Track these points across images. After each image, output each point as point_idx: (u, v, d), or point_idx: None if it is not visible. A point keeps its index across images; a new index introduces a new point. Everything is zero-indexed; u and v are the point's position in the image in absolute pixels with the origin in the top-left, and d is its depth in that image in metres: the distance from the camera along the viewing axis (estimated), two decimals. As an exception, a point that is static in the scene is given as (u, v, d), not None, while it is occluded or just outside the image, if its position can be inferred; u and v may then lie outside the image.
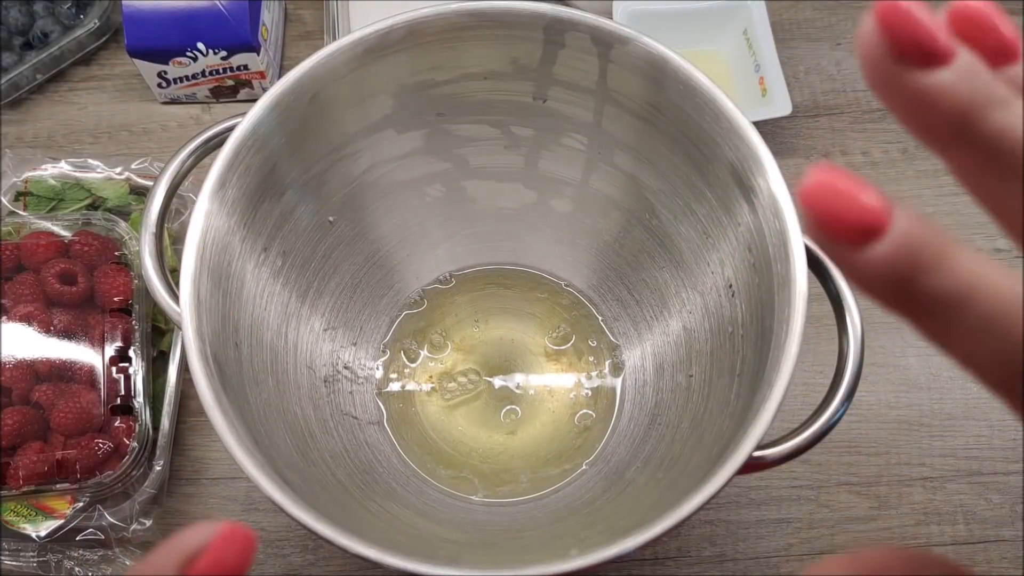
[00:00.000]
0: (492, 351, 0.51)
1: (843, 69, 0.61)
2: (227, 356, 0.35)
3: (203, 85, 0.59)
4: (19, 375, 0.46)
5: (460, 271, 0.52)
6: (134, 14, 0.55)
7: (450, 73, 0.41)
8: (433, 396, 0.50)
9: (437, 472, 0.47)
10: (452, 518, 0.45)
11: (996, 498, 0.50)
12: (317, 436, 0.42)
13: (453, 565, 0.29)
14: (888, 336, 0.54)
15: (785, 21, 0.63)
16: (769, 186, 0.35)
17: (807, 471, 0.50)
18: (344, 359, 0.48)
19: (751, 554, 0.49)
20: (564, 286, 0.52)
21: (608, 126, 0.42)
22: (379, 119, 0.42)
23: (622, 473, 0.44)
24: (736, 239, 0.38)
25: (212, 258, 0.35)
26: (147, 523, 0.48)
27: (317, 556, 0.49)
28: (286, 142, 0.38)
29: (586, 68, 0.40)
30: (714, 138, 0.37)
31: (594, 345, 0.51)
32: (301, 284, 0.44)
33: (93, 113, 0.61)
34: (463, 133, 0.45)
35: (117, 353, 0.48)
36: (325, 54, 0.37)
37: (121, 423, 0.47)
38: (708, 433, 0.38)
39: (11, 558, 0.47)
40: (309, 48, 0.63)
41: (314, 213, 0.43)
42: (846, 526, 0.49)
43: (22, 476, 0.45)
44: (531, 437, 0.49)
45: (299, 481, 0.34)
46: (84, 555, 0.48)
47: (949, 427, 0.51)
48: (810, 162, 0.58)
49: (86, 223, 0.51)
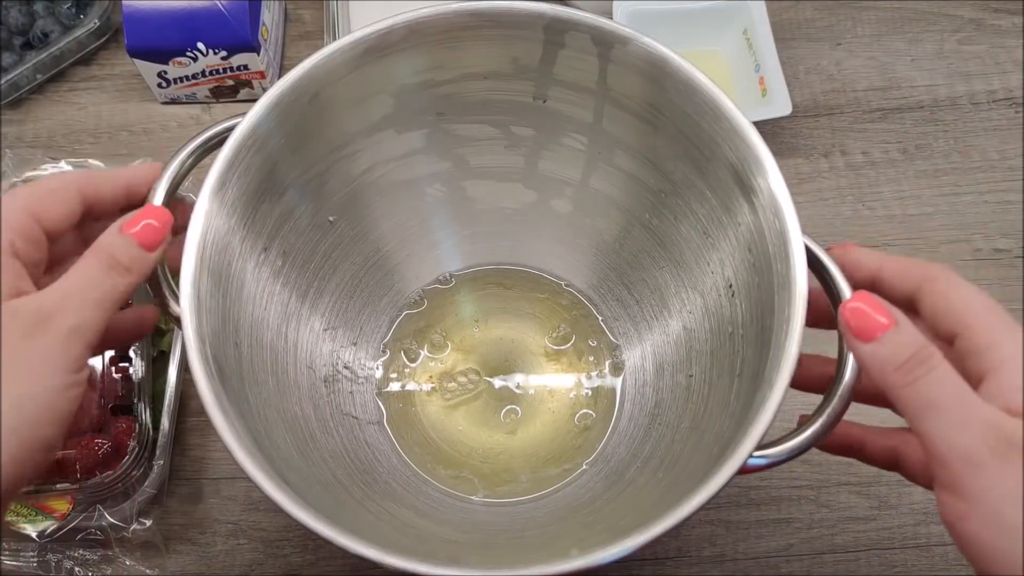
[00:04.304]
0: (492, 351, 0.51)
1: (843, 69, 0.61)
2: (227, 356, 0.35)
3: (203, 85, 0.59)
4: (19, 375, 0.46)
5: (460, 271, 0.52)
6: (134, 14, 0.55)
7: (450, 73, 0.41)
8: (433, 396, 0.50)
9: (437, 472, 0.47)
10: (452, 518, 0.45)
11: (996, 498, 0.50)
12: (317, 436, 0.42)
13: (453, 565, 0.29)
14: (888, 336, 0.53)
15: (785, 21, 0.63)
16: (769, 186, 0.35)
17: (807, 471, 0.50)
18: (344, 359, 0.48)
19: (751, 554, 0.49)
20: (564, 286, 0.52)
21: (608, 126, 0.42)
22: (379, 119, 0.42)
23: (622, 473, 0.44)
24: (736, 239, 0.38)
25: (212, 258, 0.35)
26: (147, 523, 0.48)
27: (317, 556, 0.49)
28: (286, 142, 0.38)
29: (586, 68, 0.40)
30: (714, 138, 0.37)
31: (594, 345, 0.51)
32: (301, 284, 0.44)
33: (93, 113, 0.61)
34: (463, 133, 0.45)
35: (117, 353, 0.48)
36: (325, 54, 0.37)
37: (121, 423, 0.47)
38: (708, 433, 0.38)
39: (11, 558, 0.47)
40: (309, 48, 0.63)
41: (314, 213, 0.43)
42: (846, 526, 0.49)
43: (22, 476, 0.45)
44: (531, 437, 0.49)
45: (299, 481, 0.34)
46: (84, 555, 0.48)
47: (949, 427, 0.51)
48: (810, 162, 0.58)
49: (86, 223, 0.51)
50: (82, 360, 0.29)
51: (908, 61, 0.62)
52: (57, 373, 0.28)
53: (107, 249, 0.31)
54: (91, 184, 0.33)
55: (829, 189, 0.58)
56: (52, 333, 0.28)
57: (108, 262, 0.31)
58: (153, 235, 0.32)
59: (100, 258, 0.31)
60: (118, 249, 0.31)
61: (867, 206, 0.57)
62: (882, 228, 0.56)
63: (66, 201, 0.32)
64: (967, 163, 0.58)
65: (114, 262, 0.31)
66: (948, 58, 0.62)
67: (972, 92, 0.60)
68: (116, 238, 0.31)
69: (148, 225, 0.32)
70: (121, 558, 0.48)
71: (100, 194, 0.34)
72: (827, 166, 0.58)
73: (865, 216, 0.57)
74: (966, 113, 0.60)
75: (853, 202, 0.57)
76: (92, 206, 0.33)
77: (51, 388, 0.28)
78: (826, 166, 0.58)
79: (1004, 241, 0.56)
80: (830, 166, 0.58)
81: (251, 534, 0.50)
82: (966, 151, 0.59)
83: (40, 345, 0.28)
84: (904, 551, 0.49)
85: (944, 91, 0.61)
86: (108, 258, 0.31)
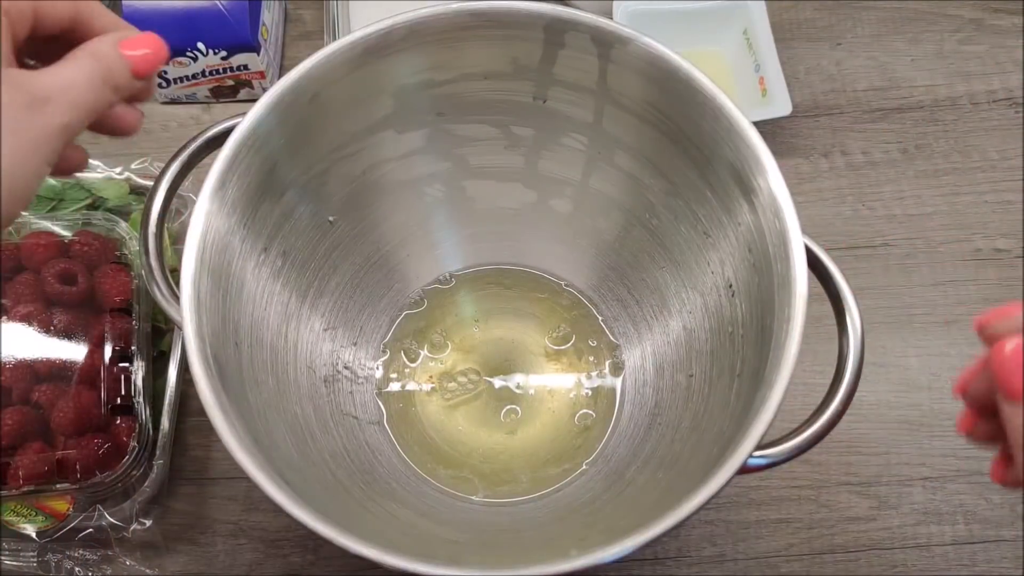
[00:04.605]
0: (492, 351, 0.51)
1: (843, 69, 0.61)
2: (227, 356, 0.35)
3: (203, 85, 0.59)
4: (19, 375, 0.46)
5: (460, 271, 0.52)
6: (134, 14, 0.55)
7: (450, 73, 0.41)
8: (433, 396, 0.50)
9: (437, 472, 0.47)
10: (452, 518, 0.45)
11: (996, 498, 0.50)
12: (317, 436, 0.42)
13: (453, 565, 0.29)
14: (888, 336, 0.54)
15: (785, 21, 0.63)
16: (769, 186, 0.35)
17: (807, 471, 0.50)
18: (344, 359, 0.48)
19: (751, 554, 0.49)
20: (564, 286, 0.52)
21: (608, 126, 0.42)
22: (379, 119, 0.42)
23: (622, 473, 0.44)
24: (736, 239, 0.38)
25: (212, 258, 0.35)
26: (147, 523, 0.48)
27: (317, 556, 0.49)
28: (286, 142, 0.38)
29: (586, 68, 0.40)
30: (714, 138, 0.37)
31: (594, 345, 0.51)
32: (301, 284, 0.44)
33: (93, 113, 0.61)
34: (463, 133, 0.45)
35: (117, 353, 0.48)
36: (325, 54, 0.37)
37: (121, 423, 0.47)
38: (708, 433, 0.38)
39: (11, 558, 0.47)
40: (309, 48, 0.63)
41: (314, 213, 0.43)
42: (846, 526, 0.49)
43: (22, 476, 0.45)
44: (531, 437, 0.49)
45: (299, 481, 0.34)
46: (84, 555, 0.48)
47: (949, 427, 0.51)
48: (810, 162, 0.58)
49: (86, 223, 0.51)
50: (55, 157, 0.28)
51: (908, 61, 0.62)
52: (42, 156, 0.27)
53: (105, 62, 0.29)
54: (88, 9, 0.31)
55: (829, 189, 0.58)
56: (48, 117, 0.27)
57: (105, 75, 0.29)
58: (146, 66, 0.30)
59: (99, 67, 0.29)
60: (115, 66, 0.29)
61: (867, 206, 0.57)
62: (882, 228, 0.56)
63: (61, 5, 0.30)
64: (967, 163, 0.58)
65: (110, 76, 0.29)
66: (948, 58, 0.62)
67: (972, 92, 0.60)
68: (115, 54, 0.30)
69: (146, 55, 0.30)
70: (121, 558, 0.48)
71: (91, 24, 0.31)
72: (827, 166, 0.58)
73: (865, 216, 0.57)
74: (966, 113, 0.60)
75: (853, 202, 0.57)
76: (77, 30, 0.31)
77: (32, 169, 0.27)
78: (826, 166, 0.58)
79: (1004, 241, 0.56)
80: (830, 166, 0.58)
81: (251, 534, 0.50)
82: (966, 151, 0.59)
83: (36, 124, 0.27)
84: (904, 551, 0.49)
85: (944, 91, 0.61)
86: (106, 71, 0.29)
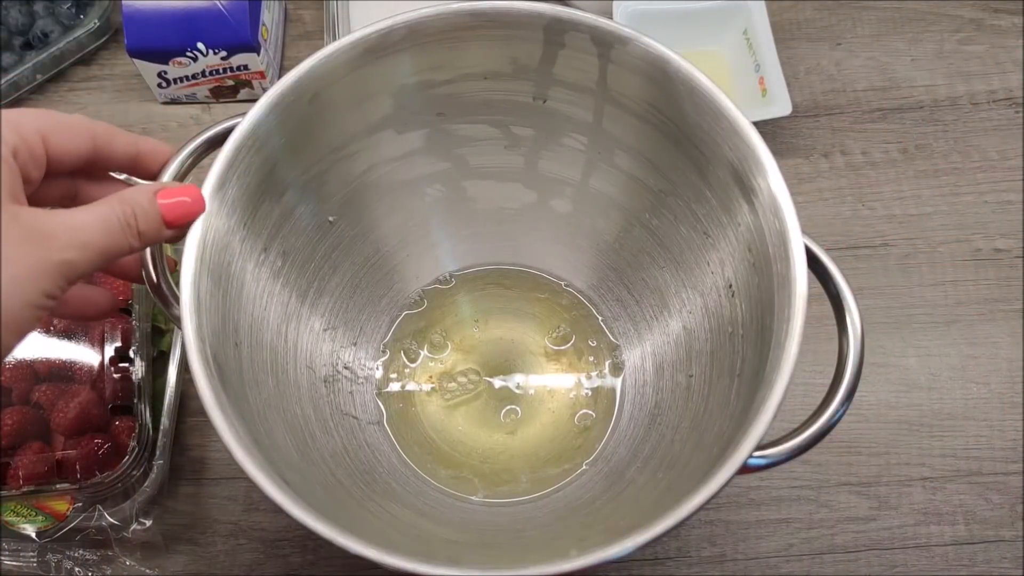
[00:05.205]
0: (492, 351, 0.51)
1: (843, 69, 0.61)
2: (227, 356, 0.35)
3: (203, 85, 0.59)
4: (19, 375, 0.46)
5: (460, 271, 0.52)
6: (134, 14, 0.55)
7: (450, 73, 0.41)
8: (433, 396, 0.50)
9: (437, 472, 0.47)
10: (452, 518, 0.45)
11: (996, 498, 0.50)
12: (317, 436, 0.42)
13: (453, 565, 0.29)
14: (888, 336, 0.54)
15: (785, 21, 0.63)
16: (769, 186, 0.35)
17: (807, 471, 0.50)
18: (344, 359, 0.48)
19: (751, 554, 0.49)
20: (564, 286, 0.52)
21: (608, 126, 0.42)
22: (379, 119, 0.42)
23: (622, 473, 0.44)
24: (736, 239, 0.38)
25: (212, 258, 0.35)
26: (147, 523, 0.48)
27: (317, 556, 0.49)
28: (286, 142, 0.38)
29: (586, 68, 0.39)
30: (714, 138, 0.37)
31: (594, 345, 0.51)
32: (301, 284, 0.44)
33: (93, 113, 0.61)
34: (463, 133, 0.45)
35: (117, 353, 0.48)
36: (325, 54, 0.37)
37: (121, 423, 0.47)
38: (708, 433, 0.38)
39: (11, 558, 0.47)
40: (309, 48, 0.63)
41: (314, 213, 0.43)
42: (846, 526, 0.49)
43: (22, 476, 0.45)
44: (531, 437, 0.49)
45: (299, 481, 0.34)
46: (84, 555, 0.48)
47: (949, 427, 0.51)
48: (810, 162, 0.58)
49: (86, 223, 0.51)
50: (58, 292, 0.28)
51: (908, 61, 0.62)
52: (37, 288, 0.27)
53: (132, 207, 0.30)
54: (106, 135, 0.32)
55: (829, 189, 0.58)
56: (47, 252, 0.27)
57: (126, 218, 0.29)
58: (180, 214, 0.31)
59: (123, 211, 0.29)
60: (141, 212, 0.30)
61: (867, 206, 0.57)
62: (882, 228, 0.57)
63: (76, 139, 0.31)
64: (967, 163, 0.58)
65: (133, 221, 0.30)
66: (948, 58, 0.62)
67: (972, 92, 0.60)
68: (146, 201, 0.30)
69: (182, 203, 0.31)
70: (121, 558, 0.48)
71: (111, 148, 0.32)
72: (827, 166, 0.58)
73: (865, 216, 0.57)
74: (966, 113, 0.60)
75: (853, 202, 0.57)
76: (98, 158, 0.32)
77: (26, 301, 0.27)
78: (826, 166, 0.58)
79: (1004, 241, 0.56)
80: (830, 166, 0.58)
81: (251, 534, 0.50)
82: (966, 151, 0.59)
83: (32, 256, 0.27)
84: (904, 551, 0.49)
85: (944, 91, 0.61)
86: (128, 215, 0.30)
